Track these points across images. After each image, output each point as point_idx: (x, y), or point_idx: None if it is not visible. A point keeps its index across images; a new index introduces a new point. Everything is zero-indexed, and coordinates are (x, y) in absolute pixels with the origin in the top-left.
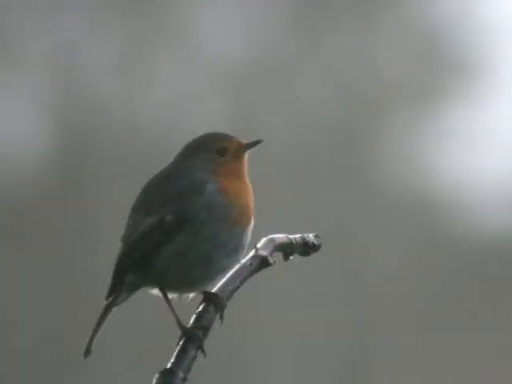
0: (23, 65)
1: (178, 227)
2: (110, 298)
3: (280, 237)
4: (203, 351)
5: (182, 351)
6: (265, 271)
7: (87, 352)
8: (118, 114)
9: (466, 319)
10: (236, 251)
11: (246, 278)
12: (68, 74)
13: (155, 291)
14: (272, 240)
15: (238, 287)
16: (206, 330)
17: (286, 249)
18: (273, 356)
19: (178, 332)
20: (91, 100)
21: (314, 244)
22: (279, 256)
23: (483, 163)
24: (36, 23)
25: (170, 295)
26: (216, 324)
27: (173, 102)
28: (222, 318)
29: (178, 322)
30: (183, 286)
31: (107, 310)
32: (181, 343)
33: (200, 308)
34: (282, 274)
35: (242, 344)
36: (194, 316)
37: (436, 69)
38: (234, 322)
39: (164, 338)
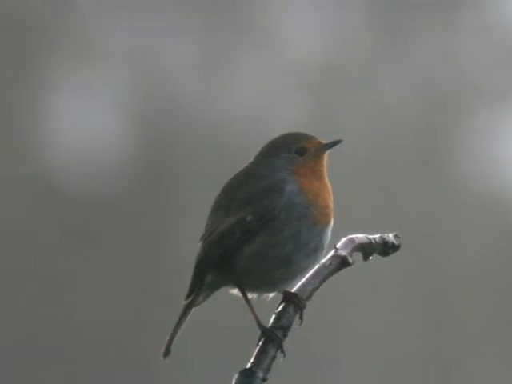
0: (103, 66)
1: (258, 227)
2: (190, 298)
3: (359, 237)
4: (283, 351)
5: (262, 351)
6: (344, 271)
7: (167, 352)
8: (198, 115)
9: None
10: (316, 251)
11: (325, 278)
12: (148, 74)
13: (235, 291)
14: (351, 240)
15: (317, 287)
16: (285, 330)
17: (366, 249)
18: (349, 357)
19: (258, 332)
20: (171, 101)
21: (393, 244)
22: (359, 256)
23: None
24: (116, 24)
25: (250, 295)
26: (295, 324)
27: (252, 103)
28: (301, 318)
29: (258, 322)
30: (263, 286)
31: (187, 310)
32: (260, 343)
33: (279, 308)
34: (361, 274)
35: (319, 344)
36: (274, 316)
37: None
38: (312, 322)
39: (243, 338)
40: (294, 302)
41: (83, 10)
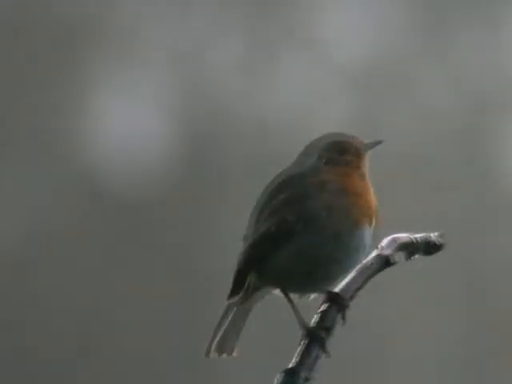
0: (146, 65)
1: (299, 227)
2: (232, 299)
3: (402, 236)
4: (326, 351)
5: (305, 351)
6: (387, 271)
7: (209, 351)
8: (242, 114)
9: None
10: (358, 251)
11: (368, 278)
12: (191, 73)
13: (277, 291)
14: (394, 239)
15: (360, 287)
16: (328, 330)
17: (409, 248)
18: (392, 357)
19: (300, 332)
20: (215, 100)
21: (435, 243)
22: (402, 256)
23: None
24: (158, 23)
25: (292, 295)
26: (338, 324)
27: (296, 103)
28: (344, 318)
29: (301, 322)
30: (305, 286)
31: (229, 309)
32: (303, 343)
33: (322, 308)
34: (404, 274)
35: (362, 344)
36: (316, 316)
37: None
38: (355, 322)
39: (286, 338)
40: (336, 302)
41: (126, 10)
